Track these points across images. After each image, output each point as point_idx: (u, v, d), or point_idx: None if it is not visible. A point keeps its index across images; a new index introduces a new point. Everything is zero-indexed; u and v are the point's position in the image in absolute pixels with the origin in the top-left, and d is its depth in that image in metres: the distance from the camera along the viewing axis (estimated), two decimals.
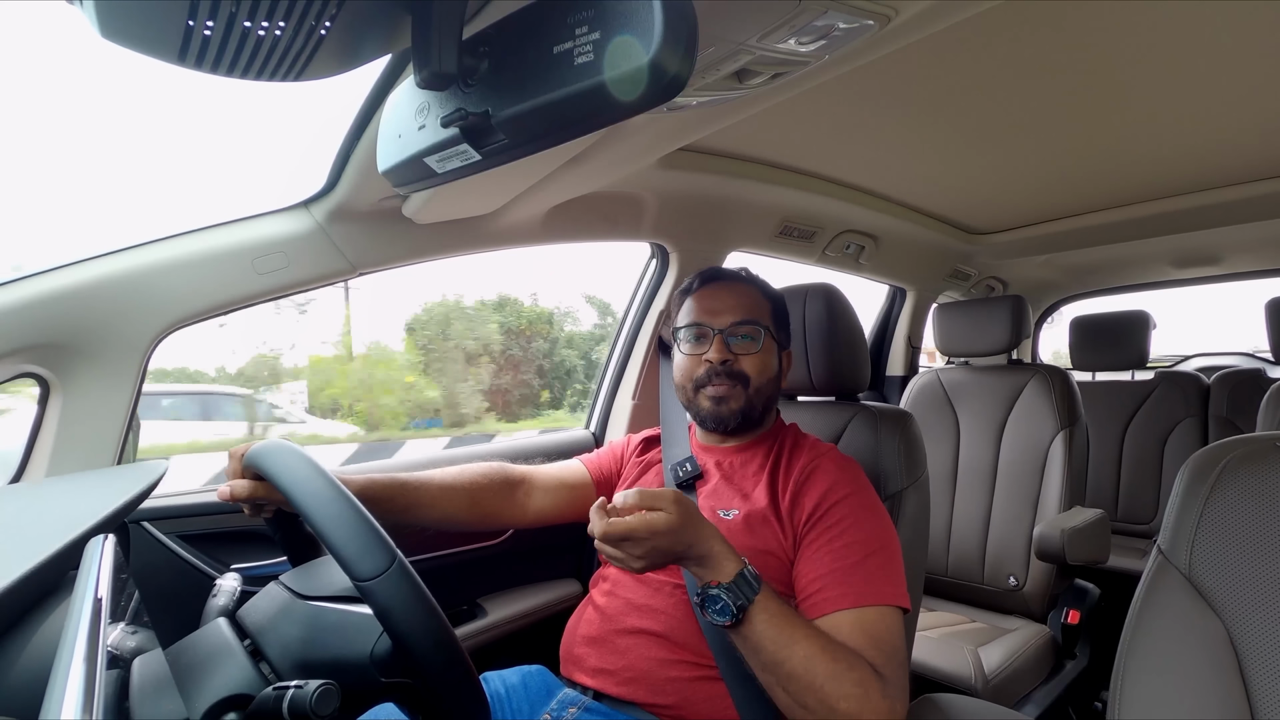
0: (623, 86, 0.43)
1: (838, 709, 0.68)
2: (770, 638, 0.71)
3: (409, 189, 0.72)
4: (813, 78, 0.79)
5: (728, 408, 0.97)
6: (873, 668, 0.72)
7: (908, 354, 2.40)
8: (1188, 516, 0.66)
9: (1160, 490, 2.27)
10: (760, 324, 0.98)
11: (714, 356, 0.96)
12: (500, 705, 0.92)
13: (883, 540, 0.85)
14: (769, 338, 0.99)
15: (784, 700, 0.72)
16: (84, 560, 0.45)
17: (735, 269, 1.09)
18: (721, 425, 0.98)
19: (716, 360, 0.96)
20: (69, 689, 0.33)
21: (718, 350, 0.96)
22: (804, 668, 0.70)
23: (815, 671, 0.69)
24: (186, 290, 0.99)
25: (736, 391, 0.97)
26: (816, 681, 0.69)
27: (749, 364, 0.97)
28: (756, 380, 0.97)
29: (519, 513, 1.07)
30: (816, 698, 0.69)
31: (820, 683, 0.69)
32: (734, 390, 0.96)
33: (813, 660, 0.70)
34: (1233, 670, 0.59)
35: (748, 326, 0.98)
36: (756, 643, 0.71)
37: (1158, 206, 1.75)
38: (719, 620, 0.72)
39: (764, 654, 0.71)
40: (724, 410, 0.97)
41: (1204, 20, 0.92)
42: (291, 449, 0.71)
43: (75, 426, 0.93)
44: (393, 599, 0.58)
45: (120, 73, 5.39)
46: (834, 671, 0.70)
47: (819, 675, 0.69)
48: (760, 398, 0.98)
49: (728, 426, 0.98)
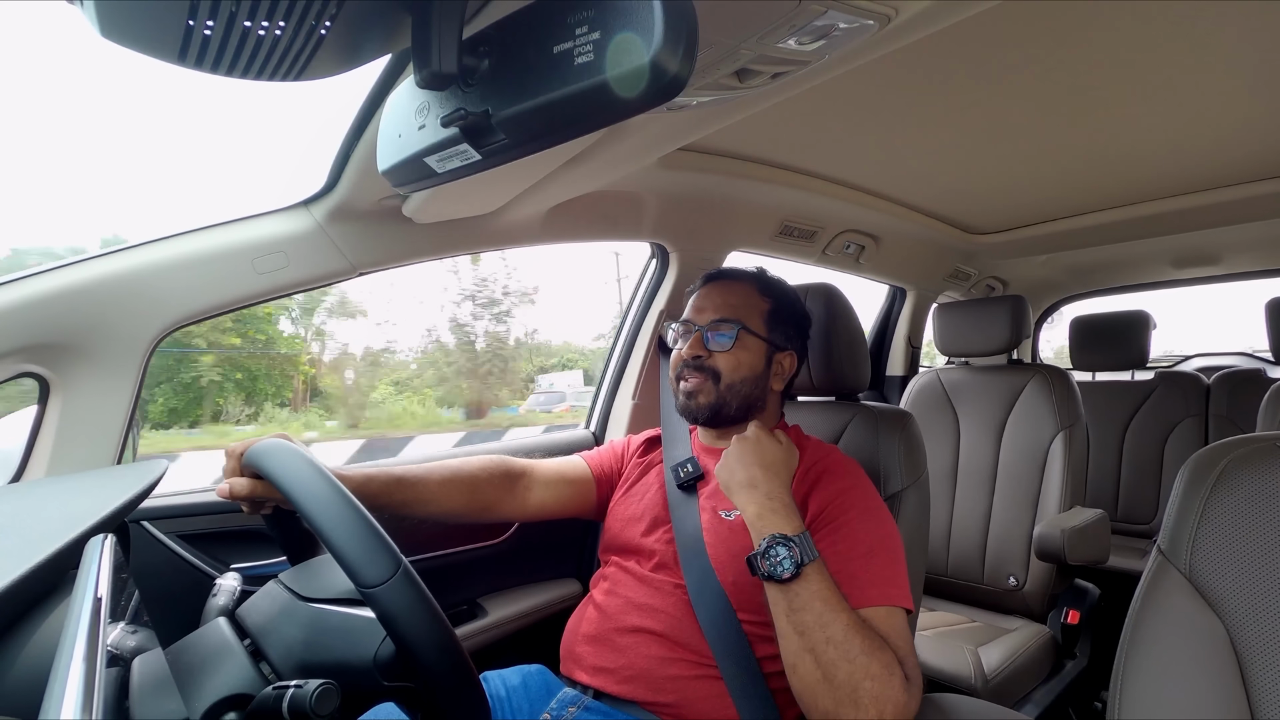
0: (623, 86, 0.43)
1: (862, 686, 0.69)
2: (823, 598, 0.73)
3: (409, 189, 0.73)
4: (813, 78, 0.79)
5: (696, 402, 1.00)
6: (898, 658, 0.73)
7: (908, 354, 2.40)
8: (1188, 516, 0.66)
9: (1160, 490, 2.27)
10: (738, 323, 1.00)
11: (686, 352, 1.01)
12: (500, 705, 0.92)
13: (887, 542, 0.85)
14: (750, 336, 1.00)
15: (809, 672, 0.71)
16: (84, 560, 0.45)
17: (743, 268, 1.10)
18: (691, 417, 1.03)
19: (688, 355, 1.00)
20: (69, 688, 0.33)
21: (691, 346, 1.01)
22: (844, 635, 0.71)
23: (853, 643, 0.71)
24: (186, 290, 0.99)
25: (707, 386, 1.00)
26: (853, 652, 0.70)
27: (721, 360, 0.99)
28: (727, 377, 0.99)
29: (519, 506, 1.07)
30: (848, 669, 0.69)
31: (856, 654, 0.70)
32: (704, 385, 1.00)
33: (853, 631, 0.71)
34: (1233, 670, 0.59)
35: (724, 325, 1.00)
36: (808, 601, 0.73)
37: (1158, 206, 1.75)
38: (780, 572, 0.73)
39: (811, 613, 0.72)
40: (692, 404, 1.01)
41: (1204, 20, 0.92)
42: (291, 448, 0.71)
43: (75, 426, 0.93)
44: (398, 606, 0.58)
45: (121, 73, 5.40)
46: (868, 647, 0.71)
47: (856, 646, 0.70)
48: (733, 394, 1.00)
49: (696, 419, 1.03)
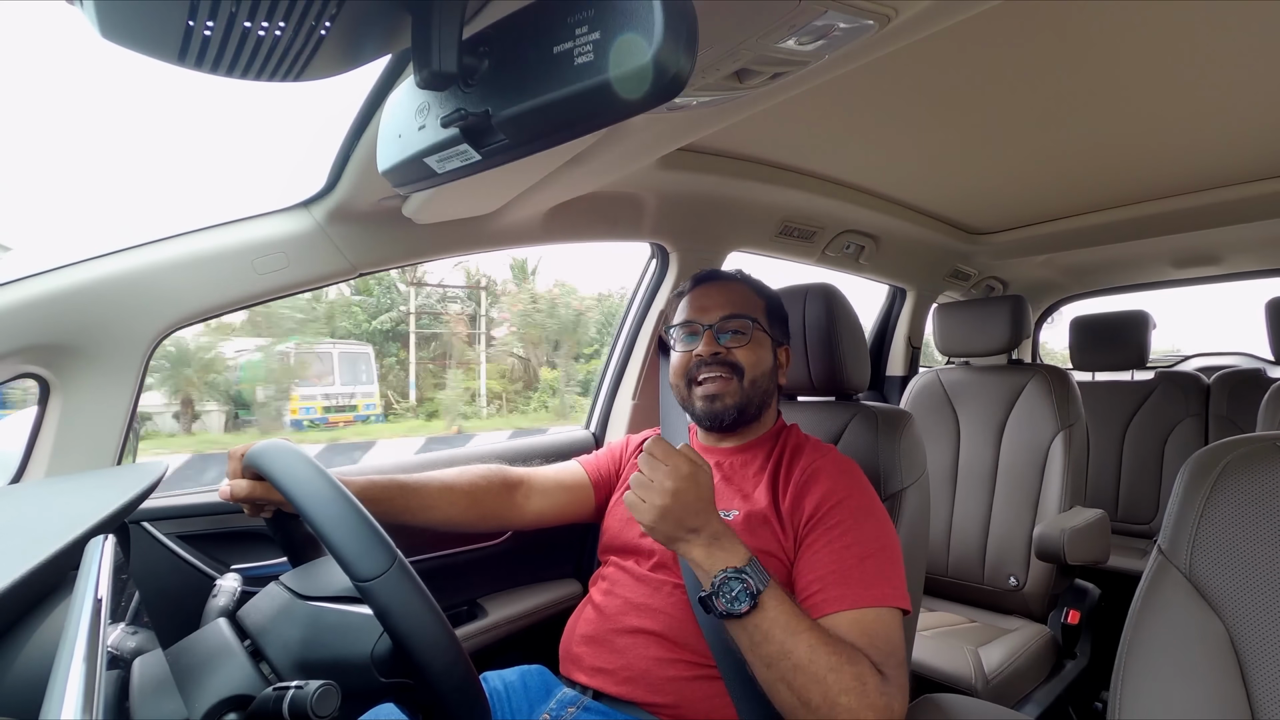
0: (623, 86, 0.43)
1: (839, 703, 0.68)
2: (781, 624, 0.71)
3: (409, 189, 0.72)
4: (813, 78, 0.79)
5: (722, 404, 0.96)
6: (871, 663, 0.72)
7: (908, 354, 2.40)
8: (1188, 516, 0.66)
9: (1160, 490, 2.27)
10: (749, 317, 0.99)
11: (704, 350, 0.97)
12: (500, 705, 0.92)
13: (882, 542, 0.85)
14: (760, 331, 1.00)
15: (787, 699, 0.71)
16: (84, 560, 0.45)
17: (728, 270, 1.10)
18: (717, 422, 0.98)
19: (706, 354, 0.97)
20: (69, 689, 0.33)
21: (707, 344, 0.97)
22: (809, 658, 0.70)
23: (819, 662, 0.69)
24: (186, 290, 0.99)
25: (731, 386, 0.96)
26: (820, 672, 0.69)
27: (741, 355, 0.97)
28: (751, 371, 0.97)
29: (518, 514, 1.07)
30: (820, 689, 0.69)
31: (824, 674, 0.69)
32: (729, 385, 0.96)
33: (816, 650, 0.70)
34: (1233, 670, 0.59)
35: (736, 320, 0.98)
36: (768, 631, 0.71)
37: (1158, 206, 1.75)
38: (737, 607, 0.71)
39: (773, 643, 0.71)
40: (718, 407, 0.97)
41: (1204, 20, 0.92)
42: (291, 449, 0.71)
43: (75, 427, 0.93)
44: (393, 599, 0.59)
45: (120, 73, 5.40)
46: (835, 664, 0.70)
47: (822, 666, 0.69)
48: (756, 390, 0.98)
49: (723, 422, 0.98)
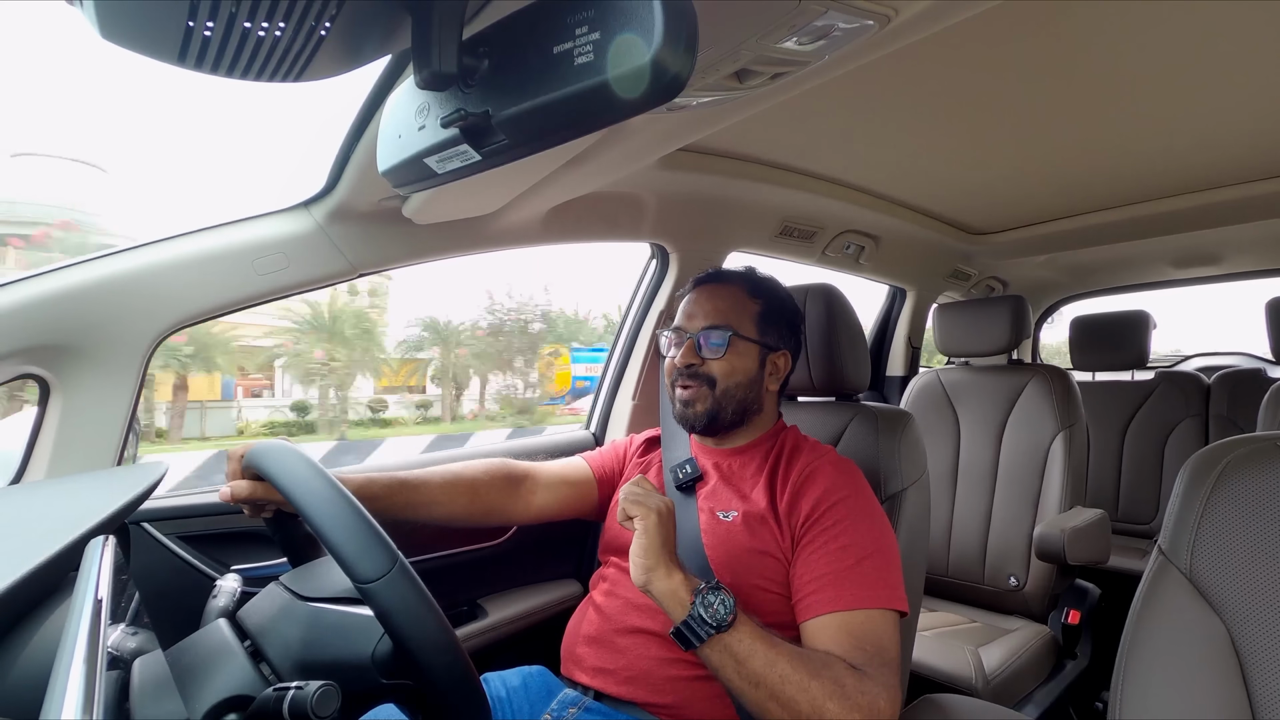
0: (623, 86, 0.43)
1: (826, 709, 0.69)
2: (760, 636, 0.72)
3: (409, 189, 0.72)
4: (813, 78, 0.79)
5: (693, 410, 0.98)
6: (847, 664, 0.73)
7: (908, 354, 2.40)
8: (1188, 516, 0.66)
9: (1161, 490, 2.27)
10: (729, 328, 0.98)
11: (680, 360, 0.99)
12: (501, 706, 0.92)
13: (879, 544, 0.85)
14: (742, 340, 0.99)
15: (777, 715, 0.70)
16: (84, 561, 0.45)
17: (732, 269, 1.09)
18: (689, 426, 1.01)
19: (681, 364, 0.99)
20: (69, 690, 0.33)
21: (684, 354, 0.99)
22: (791, 667, 0.70)
23: (801, 670, 0.70)
24: (187, 291, 0.99)
25: (703, 393, 0.98)
26: (804, 680, 0.70)
27: (715, 367, 0.98)
28: (722, 383, 0.98)
29: (521, 509, 1.07)
30: (807, 699, 0.69)
31: (806, 681, 0.70)
32: (700, 392, 0.98)
33: (796, 659, 0.71)
34: (1234, 670, 0.59)
35: (716, 332, 0.99)
36: (751, 644, 0.71)
37: (1158, 206, 1.75)
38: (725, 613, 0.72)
39: (758, 658, 0.71)
40: (690, 412, 0.99)
41: (1204, 21, 0.92)
42: (290, 449, 0.71)
43: (75, 428, 0.93)
44: (394, 601, 0.58)
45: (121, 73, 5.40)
46: (813, 669, 0.71)
47: (804, 673, 0.70)
48: (729, 400, 0.98)
49: (694, 427, 1.01)
